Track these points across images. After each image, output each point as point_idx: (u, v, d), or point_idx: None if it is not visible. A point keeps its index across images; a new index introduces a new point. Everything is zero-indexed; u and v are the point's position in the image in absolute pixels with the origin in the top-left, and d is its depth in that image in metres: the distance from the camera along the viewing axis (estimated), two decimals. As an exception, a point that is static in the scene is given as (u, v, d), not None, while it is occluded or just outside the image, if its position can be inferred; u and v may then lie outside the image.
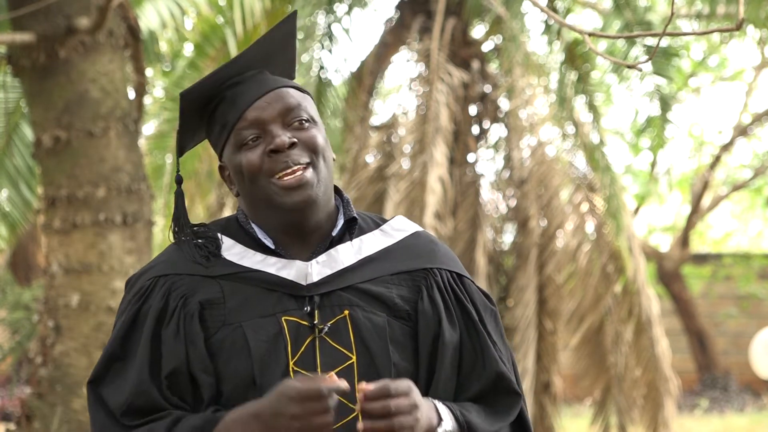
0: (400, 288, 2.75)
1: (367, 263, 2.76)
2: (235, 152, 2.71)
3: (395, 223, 2.84)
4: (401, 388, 2.55)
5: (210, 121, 2.76)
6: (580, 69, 10.85)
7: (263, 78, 2.76)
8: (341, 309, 2.70)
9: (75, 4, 7.10)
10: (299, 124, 2.72)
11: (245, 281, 2.70)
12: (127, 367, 2.68)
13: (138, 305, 2.71)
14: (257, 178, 2.69)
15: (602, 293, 11.11)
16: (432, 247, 2.82)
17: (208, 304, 2.69)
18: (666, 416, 11.06)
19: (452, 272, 2.81)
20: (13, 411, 13.53)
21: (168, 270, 2.73)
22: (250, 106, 2.71)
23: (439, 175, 10.65)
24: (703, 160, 22.02)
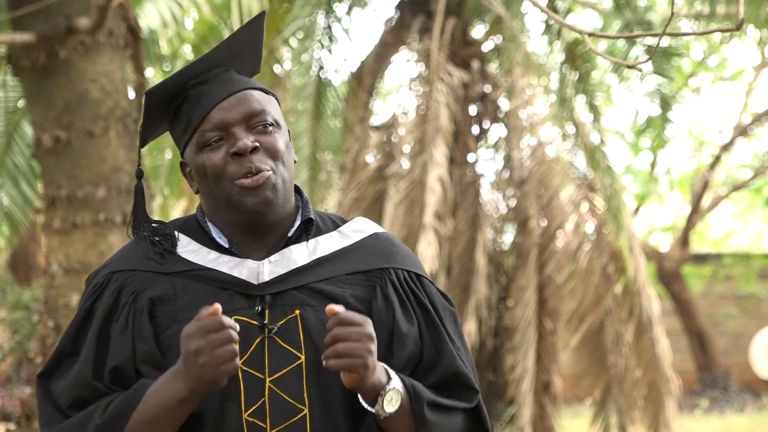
0: (354, 287, 2.75)
1: (322, 263, 2.75)
2: (198, 152, 2.72)
3: (354, 225, 2.84)
4: (353, 318, 2.57)
5: (174, 119, 2.77)
6: (581, 69, 10.85)
7: (229, 78, 2.75)
8: (292, 309, 2.70)
9: (75, 4, 7.10)
10: (263, 128, 2.71)
11: (197, 279, 2.71)
12: (74, 362, 2.70)
13: (91, 301, 2.73)
14: (220, 179, 2.70)
15: (602, 293, 11.11)
16: (390, 248, 2.82)
17: (159, 301, 2.70)
18: (667, 416, 11.06)
19: (410, 272, 2.80)
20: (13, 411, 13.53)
21: (123, 266, 2.75)
22: (214, 107, 2.70)
23: (439, 175, 10.65)
24: (703, 160, 22.02)
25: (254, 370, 2.67)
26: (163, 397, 2.61)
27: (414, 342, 2.75)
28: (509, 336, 11.21)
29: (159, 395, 2.61)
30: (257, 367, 2.67)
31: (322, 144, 10.88)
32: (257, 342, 2.68)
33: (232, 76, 2.76)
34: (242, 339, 2.65)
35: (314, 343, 2.69)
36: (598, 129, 11.01)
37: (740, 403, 18.69)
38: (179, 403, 2.60)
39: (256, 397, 2.66)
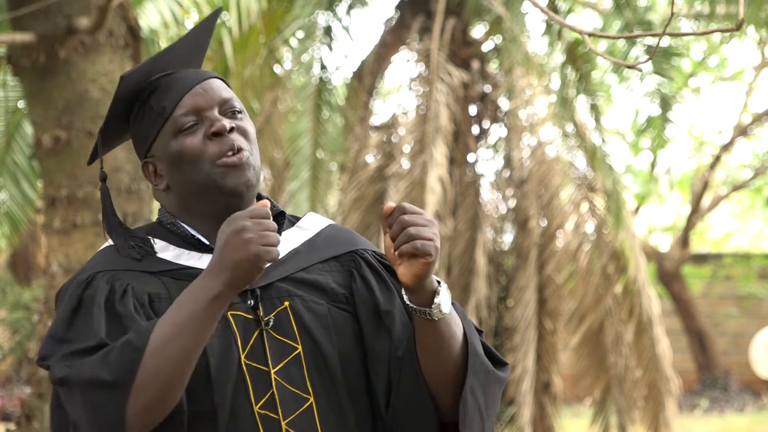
0: (333, 274, 2.77)
1: (296, 255, 2.78)
2: (171, 140, 2.71)
3: (308, 219, 2.87)
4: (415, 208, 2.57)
5: (140, 111, 2.76)
6: (581, 69, 10.85)
7: (191, 69, 2.80)
8: (281, 301, 2.71)
9: (75, 4, 7.10)
10: (232, 114, 2.74)
11: (186, 277, 2.69)
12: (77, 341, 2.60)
13: (79, 293, 2.66)
14: (199, 162, 2.69)
15: (602, 293, 11.11)
16: (350, 235, 2.86)
17: (156, 298, 2.67)
18: (667, 416, 11.06)
19: (375, 252, 2.83)
20: (13, 411, 13.54)
21: (106, 267, 2.70)
22: (186, 92, 2.72)
23: (439, 175, 10.65)
24: (703, 160, 22.02)
25: (257, 363, 2.67)
26: (193, 300, 2.53)
27: (401, 313, 2.76)
28: (509, 336, 11.21)
29: (186, 301, 2.53)
30: (260, 360, 2.67)
31: (322, 144, 10.89)
32: (256, 335, 2.68)
33: (196, 68, 2.81)
34: (242, 333, 2.66)
35: (308, 331, 2.70)
36: (599, 129, 11.01)
37: (740, 403, 18.69)
38: (213, 300, 2.52)
39: (264, 390, 2.66)
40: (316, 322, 2.70)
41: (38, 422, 7.04)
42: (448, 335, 2.65)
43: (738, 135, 19.90)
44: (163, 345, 2.52)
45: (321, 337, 2.70)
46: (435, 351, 2.65)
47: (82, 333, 2.61)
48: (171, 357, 2.52)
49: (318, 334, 2.70)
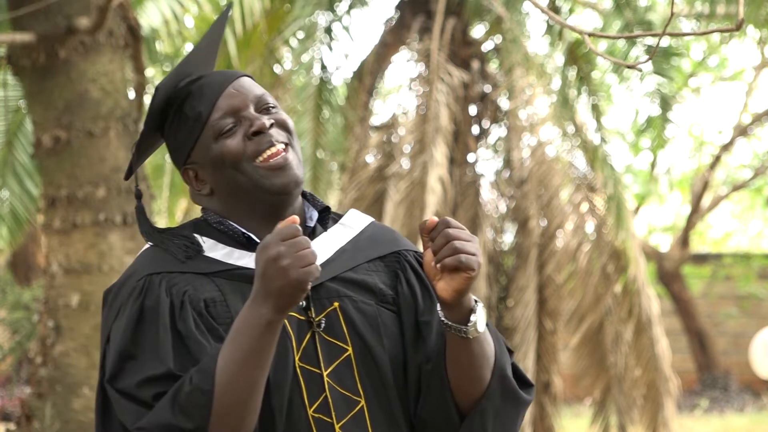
0: (379, 274, 2.76)
1: (342, 254, 2.76)
2: (212, 143, 2.69)
3: (351, 217, 2.85)
4: (458, 223, 2.56)
5: (176, 121, 2.73)
6: (582, 69, 10.85)
7: (217, 71, 2.78)
8: (330, 301, 2.69)
9: (75, 4, 7.10)
10: (267, 110, 2.73)
11: (239, 278, 2.67)
12: (144, 362, 2.59)
13: (139, 302, 2.63)
14: (240, 163, 2.67)
15: (602, 293, 11.11)
16: (392, 234, 2.85)
17: (212, 302, 2.65)
18: (666, 416, 11.06)
19: (418, 253, 2.82)
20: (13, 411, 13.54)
21: (157, 268, 2.67)
22: (220, 94, 2.70)
23: (439, 175, 10.65)
24: (703, 160, 22.02)
25: (310, 365, 2.65)
26: (247, 330, 2.50)
27: (438, 323, 2.73)
28: (509, 336, 11.21)
29: (241, 332, 2.51)
30: (312, 362, 2.66)
31: (322, 144, 10.89)
32: (308, 337, 2.67)
33: (221, 70, 2.80)
34: (296, 335, 2.65)
35: (358, 332, 2.68)
36: (600, 129, 11.01)
37: (740, 403, 18.69)
38: (266, 329, 2.49)
39: (318, 393, 2.64)
40: (365, 323, 2.68)
41: (38, 422, 7.04)
42: (480, 354, 2.64)
43: (738, 135, 19.90)
44: (230, 383, 2.51)
45: (371, 338, 2.69)
46: (466, 368, 2.65)
47: (148, 350, 2.59)
48: (239, 393, 2.51)
49: (368, 336, 2.68)
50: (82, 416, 7.03)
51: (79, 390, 7.05)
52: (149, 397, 2.55)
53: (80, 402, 7.05)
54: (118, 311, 2.65)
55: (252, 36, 11.25)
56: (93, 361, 7.06)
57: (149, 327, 2.61)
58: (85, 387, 7.06)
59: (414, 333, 2.73)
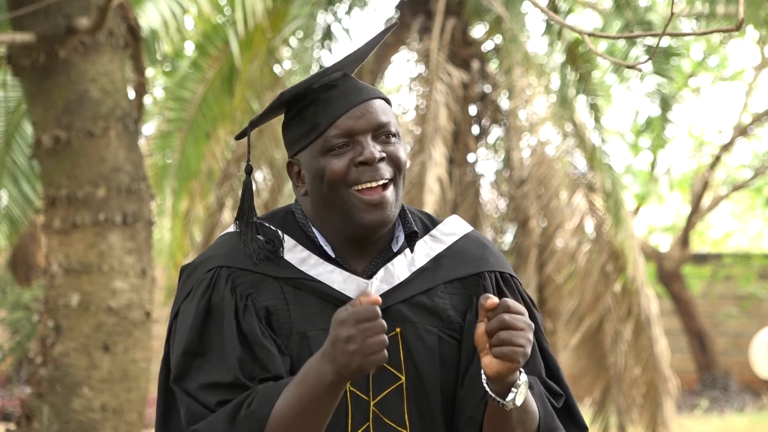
0: (453, 297, 2.73)
1: (420, 274, 2.72)
2: (319, 156, 2.67)
3: (446, 227, 2.80)
4: (518, 306, 2.53)
5: (295, 119, 2.71)
6: (581, 69, 10.85)
7: (355, 84, 2.72)
8: (393, 326, 2.67)
9: (75, 4, 7.10)
10: (386, 138, 2.69)
11: (306, 288, 2.67)
12: (211, 362, 2.61)
13: (207, 297, 2.65)
14: (338, 186, 2.66)
15: (601, 293, 11.11)
16: (483, 250, 2.80)
17: (274, 309, 2.65)
18: (665, 416, 11.06)
19: (503, 273, 2.78)
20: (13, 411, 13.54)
21: (230, 262, 2.68)
22: (343, 113, 2.66)
23: (437, 175, 10.65)
24: (703, 160, 22.02)
25: (360, 391, 2.65)
26: (311, 381, 2.51)
27: None
28: (509, 336, 11.19)
29: (306, 380, 2.52)
30: (362, 388, 2.66)
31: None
32: None
33: (357, 83, 2.72)
34: None
35: (414, 362, 2.67)
36: (599, 129, 11.01)
37: (740, 403, 18.69)
38: (327, 388, 2.51)
39: (362, 420, 2.65)
40: (424, 353, 2.66)
41: (38, 422, 7.04)
42: (518, 422, 2.63)
43: (738, 135, 19.89)
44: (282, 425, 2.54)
45: (427, 369, 2.67)
46: (500, 428, 2.64)
47: (215, 350, 2.62)
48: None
49: (424, 367, 2.67)
50: (82, 416, 7.03)
51: (79, 390, 7.04)
52: (213, 402, 2.58)
53: (80, 402, 7.04)
54: (187, 295, 2.67)
55: (254, 36, 11.25)
56: (93, 361, 7.06)
57: (216, 325, 2.63)
58: (85, 387, 7.05)
59: (467, 364, 2.71)
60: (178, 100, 11.97)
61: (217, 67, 11.76)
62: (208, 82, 11.74)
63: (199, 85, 11.81)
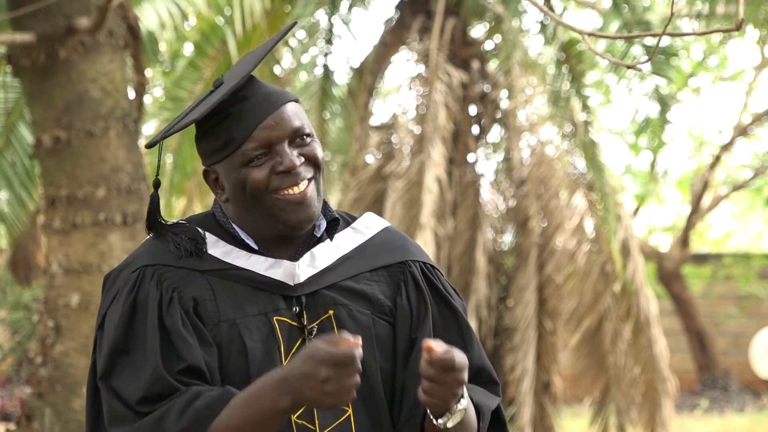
0: (380, 284, 2.77)
1: (345, 261, 2.77)
2: (239, 167, 2.69)
3: (365, 221, 2.86)
4: (449, 362, 2.55)
5: (208, 132, 2.73)
6: (575, 69, 10.85)
7: (263, 93, 2.73)
8: (326, 309, 2.72)
9: (75, 4, 7.10)
10: (301, 140, 2.72)
11: (233, 279, 2.70)
12: (135, 358, 2.64)
13: (133, 296, 2.68)
14: (260, 194, 2.69)
15: (601, 291, 11.12)
16: (404, 241, 2.85)
17: (201, 300, 2.68)
18: (663, 416, 11.07)
19: (426, 264, 2.83)
20: (13, 411, 13.54)
21: (154, 260, 2.71)
22: (257, 125, 2.69)
23: (436, 175, 10.65)
24: (703, 160, 22.02)
25: None
26: (262, 406, 2.55)
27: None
28: (509, 336, 11.21)
29: (256, 404, 2.56)
30: None
31: (325, 143, 10.89)
32: (298, 344, 2.69)
33: (267, 89, 2.73)
34: (285, 340, 2.68)
35: None
36: (593, 128, 11.01)
37: (740, 403, 18.69)
38: (278, 414, 2.55)
39: None
40: (359, 333, 2.68)
41: (38, 422, 7.05)
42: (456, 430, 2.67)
43: (738, 135, 19.89)
44: None
45: (363, 348, 2.65)
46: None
47: (139, 348, 2.65)
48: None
49: None
50: (82, 416, 7.03)
51: (79, 390, 7.05)
52: (134, 399, 2.61)
53: (80, 402, 7.05)
54: (113, 299, 2.71)
55: (252, 36, 11.26)
56: (93, 361, 7.07)
57: (140, 322, 2.66)
58: (85, 387, 7.06)
59: (406, 347, 2.75)
60: (174, 100, 11.98)
61: (214, 67, 11.77)
62: (205, 82, 11.75)
63: (196, 84, 11.82)
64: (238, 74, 2.74)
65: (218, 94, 2.71)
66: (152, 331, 2.64)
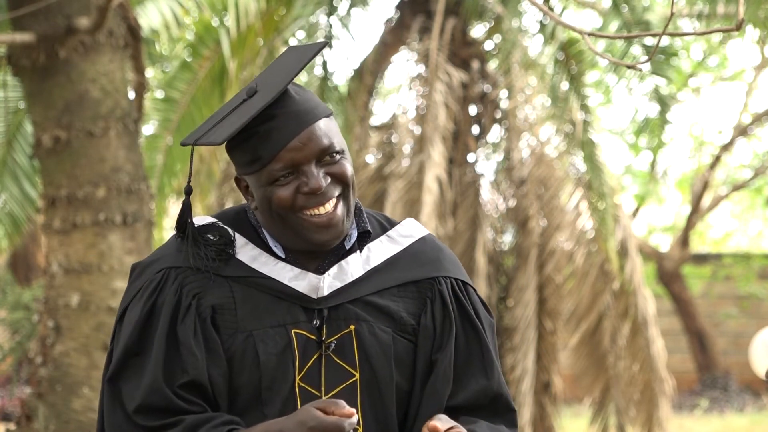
0: (406, 301, 2.73)
1: (375, 274, 2.73)
2: (264, 185, 2.67)
3: (402, 229, 2.81)
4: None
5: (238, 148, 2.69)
6: (573, 69, 10.85)
7: (293, 111, 2.67)
8: (347, 324, 2.69)
9: (75, 4, 7.10)
10: (331, 158, 2.68)
11: (256, 287, 2.68)
12: (143, 363, 2.64)
13: (153, 299, 2.67)
14: (286, 213, 2.66)
15: (600, 293, 11.11)
16: (438, 254, 2.80)
17: (220, 309, 2.66)
18: (661, 416, 11.06)
19: (457, 279, 2.79)
20: (13, 411, 13.54)
21: (179, 262, 2.69)
22: (284, 146, 2.64)
23: (436, 175, 10.65)
24: (703, 160, 22.02)
25: (311, 387, 2.66)
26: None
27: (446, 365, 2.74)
28: (509, 336, 11.21)
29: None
30: (314, 383, 2.66)
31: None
32: (315, 358, 2.66)
33: (297, 107, 2.67)
34: (301, 354, 2.65)
35: (369, 359, 2.68)
36: (591, 128, 11.00)
37: (740, 403, 18.68)
38: None
39: None
40: (378, 350, 2.67)
41: (38, 422, 7.05)
42: None
43: (738, 135, 19.89)
44: None
45: (381, 367, 2.68)
46: None
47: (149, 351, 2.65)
48: None
49: (378, 364, 2.68)
50: (82, 416, 7.03)
51: (79, 390, 7.05)
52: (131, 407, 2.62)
53: (80, 402, 7.05)
54: (135, 295, 2.69)
55: (247, 38, 11.25)
56: (93, 361, 7.06)
57: (154, 329, 2.66)
58: (85, 387, 7.06)
59: (427, 366, 2.73)
60: (168, 101, 11.99)
61: (207, 68, 11.77)
62: (198, 83, 11.75)
63: (190, 85, 11.82)
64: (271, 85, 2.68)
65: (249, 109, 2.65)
66: (160, 342, 2.64)
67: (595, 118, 11.16)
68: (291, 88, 2.68)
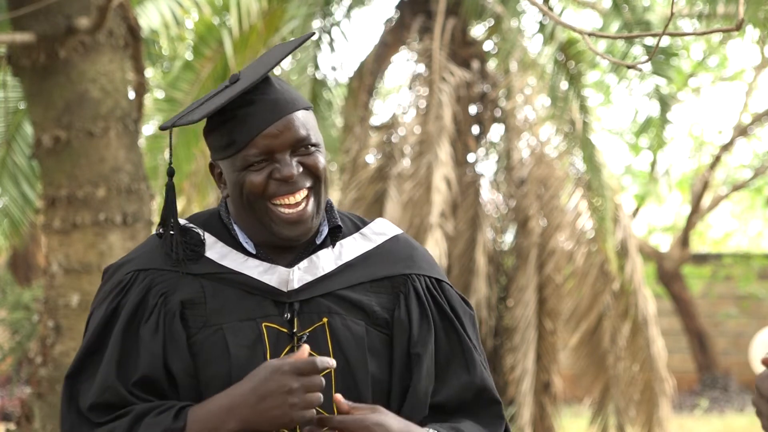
0: (379, 296, 2.74)
1: (347, 269, 2.75)
2: (238, 170, 2.69)
3: (375, 227, 2.83)
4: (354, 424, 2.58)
5: (215, 131, 2.72)
6: (573, 69, 10.85)
7: (272, 99, 2.69)
8: (320, 316, 2.70)
9: (75, 4, 7.10)
10: (305, 149, 2.70)
11: (226, 282, 2.69)
12: (100, 361, 2.66)
13: (118, 300, 2.70)
14: (256, 200, 2.68)
15: (600, 293, 11.12)
16: (411, 252, 2.81)
17: (189, 304, 2.68)
18: (661, 416, 11.07)
19: (431, 278, 2.79)
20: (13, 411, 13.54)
21: (149, 264, 2.71)
22: (260, 132, 2.67)
23: (444, 175, 10.65)
24: (703, 160, 22.02)
25: None
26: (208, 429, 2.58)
27: (430, 357, 2.74)
28: (509, 336, 11.21)
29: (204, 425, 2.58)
30: None
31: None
32: (287, 350, 2.67)
33: (277, 95, 2.70)
34: (272, 346, 2.66)
35: (342, 350, 2.68)
36: (591, 128, 11.00)
37: (740, 403, 18.69)
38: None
39: None
40: (352, 342, 2.68)
41: (38, 422, 7.05)
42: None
43: (738, 135, 19.90)
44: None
45: (355, 358, 2.68)
46: None
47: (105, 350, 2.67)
48: None
49: (353, 355, 2.68)
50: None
51: (79, 390, 7.05)
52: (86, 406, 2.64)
53: (80, 402, 7.05)
54: (106, 296, 2.72)
55: (249, 37, 11.26)
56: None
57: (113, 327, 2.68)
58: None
59: (405, 361, 2.73)
60: (171, 102, 11.99)
61: (210, 68, 11.77)
62: (201, 83, 11.75)
63: (192, 85, 11.82)
64: (254, 73, 2.71)
65: (230, 93, 2.69)
66: (116, 340, 2.66)
67: (595, 118, 11.16)
68: (273, 79, 2.71)
